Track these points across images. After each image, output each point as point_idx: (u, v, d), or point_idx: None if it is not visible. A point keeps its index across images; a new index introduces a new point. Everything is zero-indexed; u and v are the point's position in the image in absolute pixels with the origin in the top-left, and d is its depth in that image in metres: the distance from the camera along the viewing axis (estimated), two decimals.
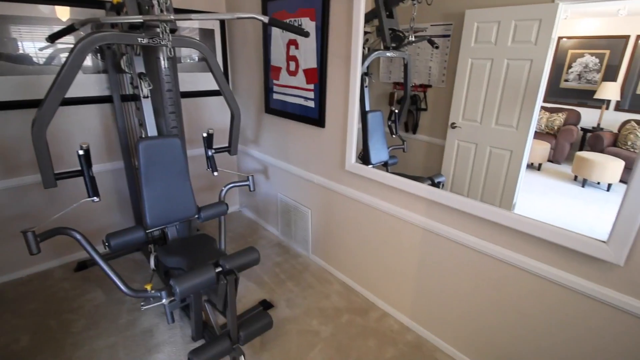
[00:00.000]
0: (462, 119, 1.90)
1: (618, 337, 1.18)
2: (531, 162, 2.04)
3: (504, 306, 1.47)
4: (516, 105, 1.68)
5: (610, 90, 1.80)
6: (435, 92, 2.01)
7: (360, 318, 1.95)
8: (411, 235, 1.76)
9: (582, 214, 1.69)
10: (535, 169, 2.03)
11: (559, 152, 2.03)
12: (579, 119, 1.96)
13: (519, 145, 1.72)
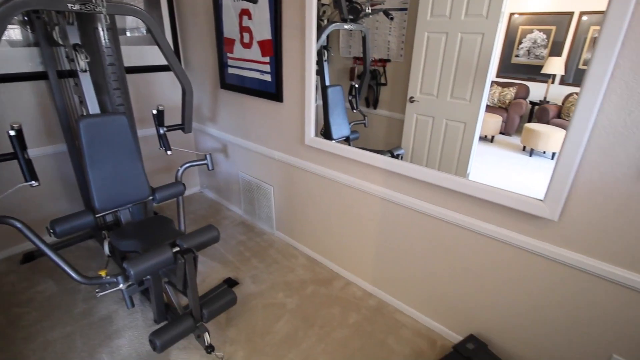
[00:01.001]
0: (420, 93, 1.93)
1: (555, 286, 1.30)
2: (484, 134, 2.14)
3: (456, 266, 1.57)
4: (469, 78, 1.73)
5: (556, 65, 1.89)
6: (394, 66, 2.02)
7: (324, 288, 2.00)
8: (370, 205, 1.81)
9: (528, 181, 1.81)
10: (489, 141, 2.13)
11: (509, 124, 2.14)
12: (528, 93, 2.07)
13: (472, 117, 1.79)
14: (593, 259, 1.18)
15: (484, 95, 1.72)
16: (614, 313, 1.19)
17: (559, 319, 1.33)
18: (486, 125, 2.15)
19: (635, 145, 1.03)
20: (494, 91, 2.23)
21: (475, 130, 1.81)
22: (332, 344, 1.64)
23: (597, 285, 1.20)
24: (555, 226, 1.24)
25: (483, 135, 2.13)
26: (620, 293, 1.16)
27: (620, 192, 1.08)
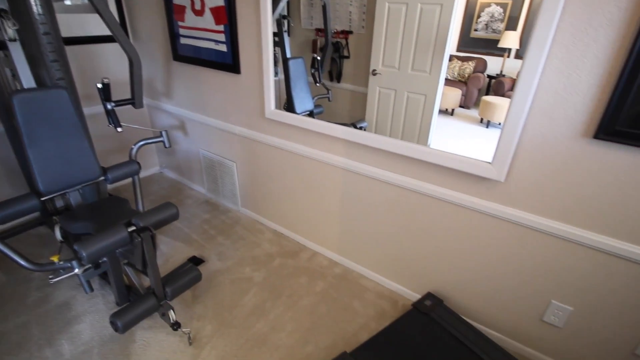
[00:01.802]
0: (382, 66, 1.93)
1: (502, 242, 1.40)
2: (445, 108, 2.19)
3: (414, 230, 1.64)
4: (429, 51, 1.74)
5: (511, 39, 1.94)
6: (356, 38, 1.99)
7: (291, 260, 2.03)
8: (333, 177, 1.83)
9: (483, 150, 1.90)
10: (449, 114, 2.19)
11: (468, 98, 2.21)
12: (486, 67, 2.12)
13: (431, 89, 1.82)
14: (535, 215, 1.28)
15: (443, 68, 1.75)
16: (552, 263, 1.31)
17: (505, 272, 1.44)
18: (446, 98, 2.21)
19: (573, 107, 1.09)
20: (454, 65, 2.27)
21: (435, 102, 1.85)
22: (300, 311, 1.69)
23: (538, 239, 1.30)
24: (503, 187, 1.31)
25: (444, 108, 2.18)
26: (557, 245, 1.27)
27: (559, 153, 1.16)
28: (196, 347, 1.50)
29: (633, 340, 1.25)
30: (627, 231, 1.13)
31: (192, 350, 1.49)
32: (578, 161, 1.14)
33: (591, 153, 1.11)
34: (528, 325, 1.47)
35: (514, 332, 1.52)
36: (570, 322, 1.36)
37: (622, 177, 1.08)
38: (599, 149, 1.09)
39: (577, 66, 1.05)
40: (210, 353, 1.48)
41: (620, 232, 1.14)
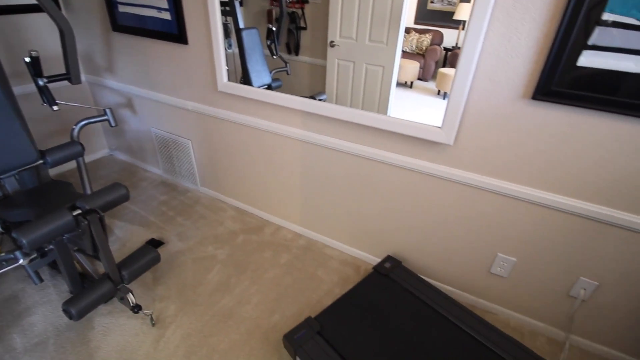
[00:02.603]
0: (340, 37, 1.89)
1: (453, 202, 1.48)
2: (404, 80, 2.21)
3: (373, 197, 1.68)
4: (385, 21, 1.72)
5: (466, 11, 1.96)
6: (312, 8, 1.92)
7: (255, 236, 2.03)
8: (292, 149, 1.81)
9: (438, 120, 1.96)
10: (408, 87, 2.20)
11: (426, 70, 2.23)
12: (442, 39, 2.14)
13: (389, 60, 1.82)
14: (482, 176, 1.35)
15: (399, 39, 1.75)
16: (498, 219, 1.41)
17: (457, 231, 1.53)
18: (405, 71, 2.22)
19: (513, 69, 1.14)
20: (411, 38, 2.28)
21: (393, 73, 1.85)
22: (265, 283, 1.71)
23: (485, 197, 1.39)
24: (452, 150, 1.37)
25: (403, 81, 2.20)
26: (502, 202, 1.36)
27: (501, 114, 1.22)
28: (160, 327, 1.48)
29: (567, 284, 1.39)
30: (562, 186, 1.23)
31: (155, 331, 1.47)
32: (518, 122, 1.20)
33: (530, 113, 1.18)
34: (478, 277, 1.59)
35: (466, 285, 1.64)
36: (514, 272, 1.48)
37: (558, 136, 1.17)
38: (537, 109, 1.16)
39: (517, 29, 1.09)
40: (175, 332, 1.46)
41: (556, 187, 1.24)
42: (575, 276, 1.36)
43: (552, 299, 1.45)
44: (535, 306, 1.51)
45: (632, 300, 1.30)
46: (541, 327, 1.53)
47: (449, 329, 1.36)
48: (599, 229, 1.24)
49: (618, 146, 1.10)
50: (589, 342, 1.46)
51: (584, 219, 1.24)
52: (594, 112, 1.09)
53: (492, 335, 1.34)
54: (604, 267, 1.29)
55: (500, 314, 1.61)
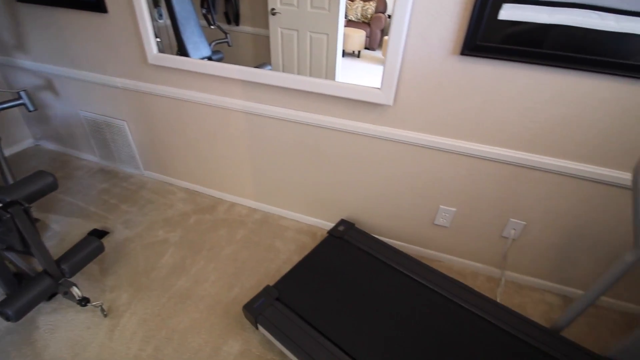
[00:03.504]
0: (281, 4, 1.80)
1: (398, 161, 1.54)
2: (352, 50, 2.18)
3: (322, 164, 1.70)
4: None
5: None
6: None
7: (208, 215, 1.98)
8: (236, 122, 1.76)
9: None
10: (356, 57, 2.18)
11: (373, 39, 2.21)
12: (386, 6, 2.12)
13: (332, 27, 1.78)
14: (422, 134, 1.42)
15: (341, 3, 1.71)
16: (439, 174, 1.50)
17: (402, 189, 1.61)
18: (352, 40, 2.20)
19: (443, 26, 1.18)
20: (356, 6, 2.24)
21: (338, 41, 1.83)
22: (222, 260, 1.69)
23: (426, 154, 1.46)
24: (393, 110, 1.41)
25: (350, 50, 2.18)
26: (442, 157, 1.44)
27: (435, 72, 1.27)
28: (113, 317, 1.42)
29: (500, 226, 1.54)
30: (492, 137, 1.33)
31: (108, 321, 1.41)
32: (450, 78, 1.26)
33: (460, 69, 1.23)
34: (424, 230, 1.70)
35: (414, 238, 1.75)
36: (454, 221, 1.60)
37: (485, 89, 1.24)
38: (466, 64, 1.22)
39: None
40: (130, 319, 1.42)
41: (487, 138, 1.34)
42: (506, 218, 1.50)
43: (488, 242, 1.60)
44: (474, 250, 1.66)
45: (552, 235, 1.47)
46: (480, 268, 1.70)
47: (401, 279, 1.45)
48: (524, 174, 1.37)
49: (539, 96, 1.19)
50: (520, 275, 1.65)
51: (512, 165, 1.36)
52: (516, 64, 1.17)
53: (439, 280, 1.45)
54: (529, 208, 1.44)
55: (445, 261, 1.75)
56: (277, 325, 1.24)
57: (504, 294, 1.60)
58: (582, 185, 1.31)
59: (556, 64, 1.12)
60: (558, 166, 1.29)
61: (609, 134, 1.18)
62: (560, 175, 1.32)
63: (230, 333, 1.37)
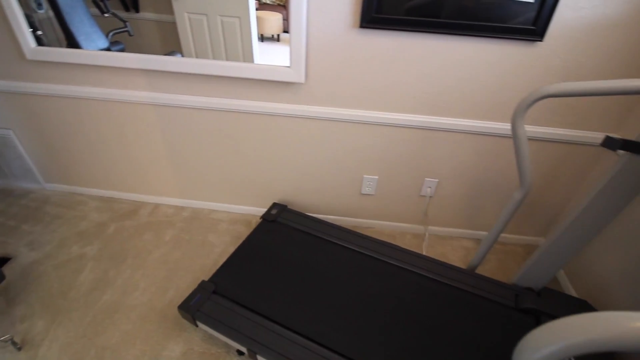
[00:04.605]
0: None
1: (318, 137, 1.57)
2: (271, 34, 2.11)
3: (244, 150, 1.67)
4: None
5: None
6: None
7: (130, 221, 1.83)
8: (145, 116, 1.63)
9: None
10: (275, 40, 2.12)
11: (289, 22, 2.16)
12: None
13: (243, 10, 1.70)
14: (336, 108, 1.46)
15: None
16: (358, 145, 1.56)
17: (326, 164, 1.65)
18: (269, 24, 2.13)
19: (341, 0, 1.21)
20: None
21: (251, 24, 1.76)
22: (151, 265, 1.59)
23: (343, 127, 1.51)
24: (305, 88, 1.43)
25: (269, 34, 2.11)
26: (358, 129, 1.51)
27: (339, 46, 1.30)
28: (29, 349, 1.26)
29: (418, 186, 1.67)
30: (399, 104, 1.42)
31: (24, 354, 1.25)
32: (354, 51, 1.31)
33: (362, 42, 1.28)
34: (353, 201, 1.78)
35: (345, 210, 1.83)
36: (378, 188, 1.70)
37: (387, 59, 1.31)
38: (367, 37, 1.27)
39: None
40: (51, 347, 1.27)
41: (395, 106, 1.43)
42: (422, 179, 1.64)
43: (410, 202, 1.74)
44: (400, 212, 1.79)
45: (461, 187, 1.65)
46: (407, 227, 1.84)
47: (337, 251, 1.51)
48: (431, 136, 1.49)
49: (434, 62, 1.30)
50: (440, 228, 1.82)
51: (420, 129, 1.47)
52: (412, 34, 1.25)
53: (371, 245, 1.54)
54: (439, 166, 1.59)
55: (377, 227, 1.87)
56: (216, 318, 1.21)
57: (429, 247, 1.77)
58: (478, 140, 1.47)
59: (448, 32, 1.22)
60: (457, 125, 1.43)
61: (494, 92, 1.34)
62: (460, 133, 1.47)
63: (170, 337, 1.31)
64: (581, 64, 1.24)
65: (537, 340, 0.41)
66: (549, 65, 1.25)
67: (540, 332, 0.42)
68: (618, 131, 1.38)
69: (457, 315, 1.28)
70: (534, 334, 0.43)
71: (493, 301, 1.32)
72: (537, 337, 0.42)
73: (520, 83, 1.31)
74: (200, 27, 1.81)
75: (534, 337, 0.42)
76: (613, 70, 1.24)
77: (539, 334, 0.42)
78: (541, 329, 0.42)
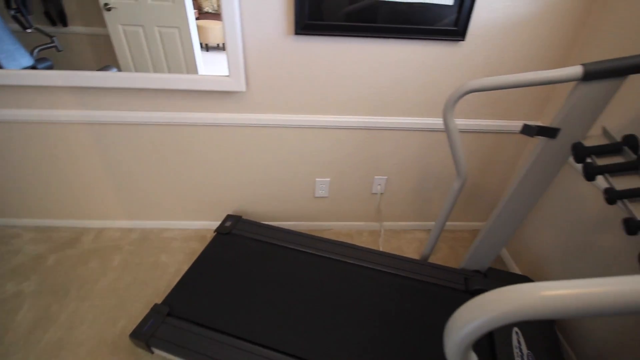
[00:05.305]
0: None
1: (267, 144, 1.57)
2: (216, 43, 2.07)
3: (192, 163, 1.62)
4: None
5: None
6: None
7: (71, 250, 1.70)
8: (77, 137, 1.52)
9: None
10: (222, 49, 2.07)
11: (224, 31, 2.12)
12: None
13: (182, 20, 1.65)
14: (280, 114, 1.46)
15: None
16: (307, 149, 1.58)
17: (278, 170, 1.65)
18: (213, 33, 2.08)
19: (273, 7, 1.21)
20: None
21: (192, 34, 1.71)
22: (99, 295, 1.48)
23: (290, 133, 1.52)
24: (247, 96, 1.42)
25: (214, 44, 2.07)
26: (305, 133, 1.52)
27: (277, 53, 1.31)
28: None
29: (369, 184, 1.72)
30: (341, 107, 1.45)
31: None
32: (292, 57, 1.32)
33: (299, 48, 1.30)
34: (308, 205, 1.79)
35: (302, 215, 1.84)
36: (331, 189, 1.73)
37: (325, 64, 1.34)
38: (303, 43, 1.29)
39: None
40: None
41: (338, 109, 1.46)
42: (372, 177, 1.69)
43: (363, 201, 1.79)
44: (354, 211, 1.83)
45: (408, 182, 1.72)
46: (363, 225, 1.89)
47: (297, 257, 1.51)
48: (376, 135, 1.54)
49: (371, 65, 1.35)
50: (394, 222, 1.89)
51: (365, 130, 1.52)
52: (348, 39, 1.28)
53: (329, 247, 1.56)
54: (387, 163, 1.65)
55: (334, 228, 1.89)
56: (173, 341, 1.16)
57: (385, 242, 1.82)
58: (419, 136, 1.55)
59: (381, 35, 1.27)
60: (399, 123, 1.50)
61: (428, 89, 1.42)
62: (402, 131, 1.53)
63: None
64: (501, 59, 1.35)
65: (460, 320, 0.45)
66: (473, 62, 1.35)
67: (461, 312, 0.45)
68: (540, 119, 1.53)
69: (414, 304, 1.33)
70: (455, 316, 0.46)
71: (445, 287, 1.39)
72: (459, 316, 0.45)
73: (450, 80, 1.40)
74: (137, 39, 1.74)
75: (455, 317, 0.46)
76: (529, 63, 1.37)
77: (459, 314, 0.45)
78: (461, 309, 0.45)
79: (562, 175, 1.39)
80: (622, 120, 1.13)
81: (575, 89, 0.93)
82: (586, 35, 1.29)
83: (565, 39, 1.32)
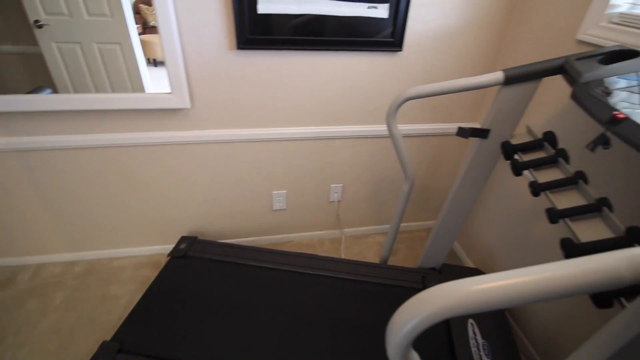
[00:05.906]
0: (46, 14, 1.46)
1: (216, 161, 1.53)
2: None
3: (139, 186, 1.54)
4: None
5: None
6: None
7: (4, 291, 1.53)
8: (5, 165, 1.39)
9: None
10: None
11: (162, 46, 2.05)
12: None
13: (124, 35, 1.56)
14: (229, 130, 1.44)
15: (126, 8, 1.52)
16: (260, 162, 1.56)
17: (232, 187, 1.62)
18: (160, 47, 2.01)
19: (212, 22, 1.20)
20: (153, 11, 2.03)
21: (135, 49, 1.62)
22: (39, 339, 1.34)
23: (239, 147, 1.50)
24: (193, 113, 1.38)
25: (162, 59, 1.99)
26: (254, 146, 1.51)
27: (220, 68, 1.29)
28: None
29: (326, 193, 1.74)
30: (291, 119, 1.46)
31: None
32: (237, 72, 1.31)
33: (242, 63, 1.30)
34: (267, 218, 1.77)
35: (261, 229, 1.81)
36: (289, 201, 1.72)
37: (271, 77, 1.34)
38: (245, 58, 1.29)
39: None
40: None
41: (288, 121, 1.47)
42: (328, 185, 1.71)
43: (321, 209, 1.80)
44: (314, 221, 1.83)
45: (363, 188, 1.76)
46: (324, 234, 1.90)
47: (257, 273, 1.48)
48: (328, 144, 1.57)
49: (317, 76, 1.37)
50: (354, 228, 1.92)
51: (317, 140, 1.54)
52: (292, 51, 1.30)
53: (290, 259, 1.54)
54: (341, 171, 1.68)
55: (295, 239, 1.88)
56: None
57: (346, 249, 1.84)
58: (369, 142, 1.60)
59: (325, 48, 1.30)
60: (348, 131, 1.53)
61: (373, 98, 1.48)
62: (352, 139, 1.57)
63: None
64: (437, 67, 1.44)
65: (397, 322, 0.46)
66: (412, 71, 1.43)
67: (397, 315, 0.46)
68: (476, 120, 1.64)
69: (375, 308, 1.35)
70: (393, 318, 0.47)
71: (404, 287, 1.43)
72: (396, 319, 0.46)
73: (393, 88, 1.46)
74: (74, 58, 1.63)
75: (393, 320, 0.47)
76: (462, 70, 1.47)
77: (396, 317, 0.46)
78: (397, 312, 0.47)
79: (500, 172, 1.49)
80: (543, 119, 1.25)
81: (499, 93, 1.01)
82: (508, 43, 1.41)
83: (491, 47, 1.44)
